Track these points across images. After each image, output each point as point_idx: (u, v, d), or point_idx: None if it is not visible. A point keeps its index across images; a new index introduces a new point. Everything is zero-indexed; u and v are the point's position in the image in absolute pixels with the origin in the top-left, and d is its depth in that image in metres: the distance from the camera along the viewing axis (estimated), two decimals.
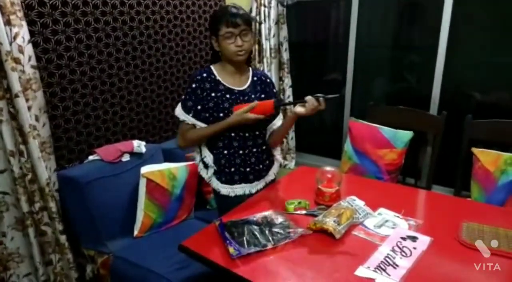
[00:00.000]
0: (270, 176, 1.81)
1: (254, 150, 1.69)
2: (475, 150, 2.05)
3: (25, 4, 1.83)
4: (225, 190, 1.70)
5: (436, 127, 2.34)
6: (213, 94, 1.62)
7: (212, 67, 1.68)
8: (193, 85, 1.62)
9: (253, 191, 1.73)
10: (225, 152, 1.66)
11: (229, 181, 1.69)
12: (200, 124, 1.63)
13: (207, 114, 1.62)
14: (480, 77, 2.47)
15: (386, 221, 1.46)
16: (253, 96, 1.69)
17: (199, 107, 1.62)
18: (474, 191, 2.04)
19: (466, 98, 2.52)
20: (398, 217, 1.48)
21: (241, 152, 1.66)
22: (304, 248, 1.32)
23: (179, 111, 1.65)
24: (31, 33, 1.86)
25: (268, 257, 1.27)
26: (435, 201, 1.73)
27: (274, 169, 1.83)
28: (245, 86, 1.69)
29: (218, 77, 1.64)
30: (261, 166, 1.74)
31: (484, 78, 2.44)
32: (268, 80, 1.79)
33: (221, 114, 1.61)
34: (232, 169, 1.68)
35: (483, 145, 2.10)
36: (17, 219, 1.92)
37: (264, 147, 1.74)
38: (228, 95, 1.63)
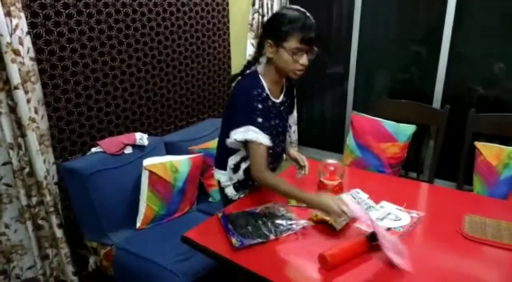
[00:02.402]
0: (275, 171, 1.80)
1: (277, 156, 1.68)
2: (478, 144, 2.04)
3: None
4: (237, 196, 1.64)
5: (439, 121, 2.33)
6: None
7: (262, 80, 1.48)
8: (260, 106, 1.42)
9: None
10: None
11: (244, 187, 1.63)
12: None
13: None
14: (483, 71, 2.45)
15: (389, 213, 1.46)
16: (282, 108, 1.60)
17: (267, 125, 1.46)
18: (476, 184, 2.04)
19: (469, 92, 2.51)
20: (400, 209, 1.48)
21: (271, 166, 1.63)
22: (306, 239, 1.32)
23: (262, 137, 1.40)
24: (34, 24, 1.86)
25: (270, 248, 1.27)
26: (438, 194, 1.73)
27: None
28: (282, 96, 1.58)
29: (267, 92, 1.48)
30: (274, 168, 1.71)
31: (487, 72, 2.43)
32: (292, 83, 1.67)
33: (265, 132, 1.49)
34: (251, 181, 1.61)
35: (486, 139, 2.10)
36: (19, 211, 1.94)
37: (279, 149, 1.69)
38: (274, 111, 1.53)
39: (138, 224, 2.08)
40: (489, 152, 1.98)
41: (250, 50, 2.94)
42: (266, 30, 1.47)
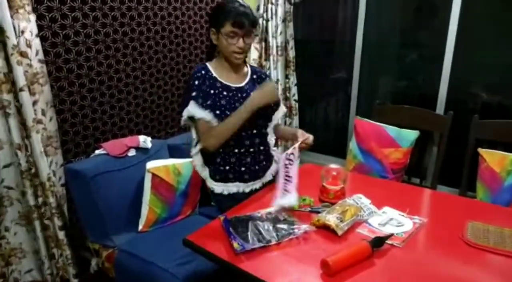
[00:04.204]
0: (268, 177, 1.77)
1: (251, 149, 1.65)
2: (481, 150, 2.03)
3: None
4: (219, 188, 1.68)
5: (443, 127, 2.33)
6: (212, 91, 1.59)
7: (208, 64, 1.64)
8: (197, 82, 1.58)
9: (247, 190, 1.70)
10: (220, 150, 1.62)
11: (223, 179, 1.67)
12: (215, 122, 1.57)
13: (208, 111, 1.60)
14: (487, 77, 2.45)
15: (391, 219, 1.46)
16: (245, 94, 1.64)
17: (208, 102, 1.57)
18: (479, 191, 2.03)
19: (473, 98, 2.51)
20: (402, 215, 1.48)
21: (236, 150, 1.63)
22: (308, 244, 1.32)
23: (196, 110, 1.54)
24: (40, 27, 1.88)
25: (272, 252, 1.27)
26: (441, 200, 1.72)
27: (272, 170, 1.78)
28: (244, 83, 1.66)
29: (214, 74, 1.61)
30: (257, 167, 1.70)
31: (491, 78, 2.43)
32: (267, 78, 1.76)
33: (218, 112, 1.58)
34: (227, 167, 1.65)
35: (489, 145, 2.10)
36: (20, 213, 1.93)
37: (261, 147, 1.69)
38: (225, 93, 1.61)
39: (140, 227, 2.08)
40: (492, 158, 1.98)
41: (254, 55, 2.95)
42: (209, 20, 1.65)
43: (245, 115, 1.56)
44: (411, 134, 2.27)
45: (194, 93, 1.57)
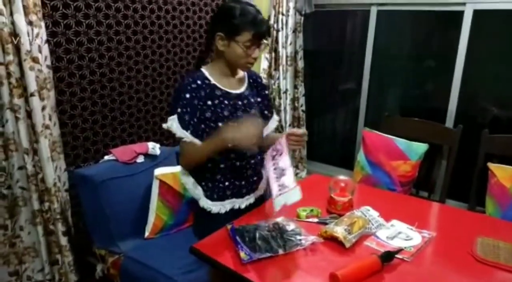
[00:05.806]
0: (260, 190, 1.67)
1: (252, 161, 1.57)
2: (491, 165, 2.02)
3: (50, 6, 1.88)
4: (216, 207, 1.55)
5: (452, 140, 2.31)
6: (209, 102, 1.44)
7: (204, 70, 1.49)
8: (187, 96, 1.40)
9: (243, 206, 1.61)
10: (222, 165, 1.51)
11: (221, 197, 1.55)
12: (198, 142, 1.43)
13: (202, 126, 1.45)
14: (498, 91, 2.44)
15: (399, 232, 1.44)
16: (252, 100, 1.57)
17: (195, 119, 1.42)
18: (489, 206, 2.01)
19: (483, 112, 2.50)
20: (411, 229, 1.47)
21: (238, 163, 1.53)
22: (315, 255, 1.31)
23: (176, 127, 1.41)
24: (54, 33, 1.91)
25: (279, 263, 1.27)
26: (450, 214, 1.70)
27: (263, 182, 1.66)
28: (243, 89, 1.55)
29: (213, 82, 1.47)
30: (255, 178, 1.62)
31: (502, 92, 2.42)
32: (262, 82, 1.68)
33: (220, 124, 1.45)
34: (226, 183, 1.54)
35: (499, 160, 2.08)
36: (33, 214, 1.95)
37: (259, 157, 1.60)
38: (226, 102, 1.47)
39: (146, 233, 2.08)
40: (502, 173, 1.96)
41: (265, 64, 2.97)
42: (216, 23, 1.45)
43: (213, 151, 1.43)
44: (420, 147, 2.26)
45: (179, 109, 1.41)
